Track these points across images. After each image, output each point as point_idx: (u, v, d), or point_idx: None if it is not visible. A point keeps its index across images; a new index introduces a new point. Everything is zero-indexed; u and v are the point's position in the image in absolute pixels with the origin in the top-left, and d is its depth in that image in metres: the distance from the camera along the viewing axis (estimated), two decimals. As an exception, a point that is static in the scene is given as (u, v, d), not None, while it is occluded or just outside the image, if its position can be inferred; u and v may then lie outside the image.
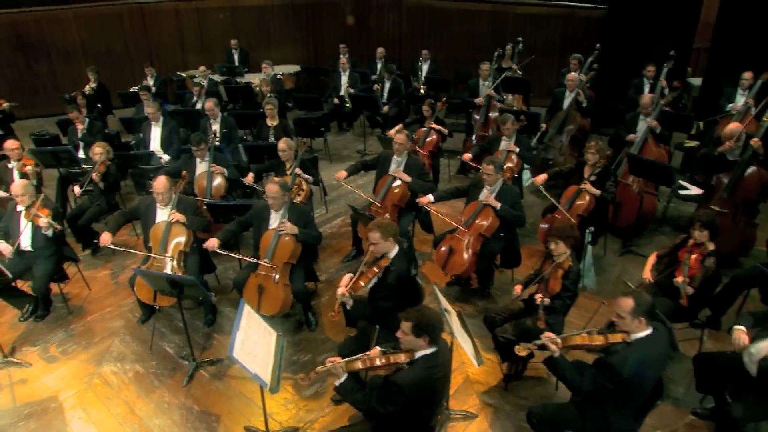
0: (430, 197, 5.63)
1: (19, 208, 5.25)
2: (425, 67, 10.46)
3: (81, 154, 7.36)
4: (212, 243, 4.96)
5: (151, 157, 7.08)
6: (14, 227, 5.28)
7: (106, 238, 5.07)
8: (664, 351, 3.48)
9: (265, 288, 4.89)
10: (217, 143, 7.21)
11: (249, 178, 6.35)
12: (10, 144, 6.37)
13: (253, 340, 3.62)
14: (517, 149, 6.70)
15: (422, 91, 10.02)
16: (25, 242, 5.27)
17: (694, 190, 6.82)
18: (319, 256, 6.41)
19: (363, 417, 3.71)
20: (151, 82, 10.34)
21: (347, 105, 9.82)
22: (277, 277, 4.90)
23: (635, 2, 9.27)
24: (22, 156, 6.44)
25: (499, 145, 6.86)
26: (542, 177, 6.03)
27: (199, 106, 9.02)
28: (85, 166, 6.85)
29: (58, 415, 4.40)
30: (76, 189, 6.32)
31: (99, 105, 10.04)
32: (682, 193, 6.96)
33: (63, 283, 5.72)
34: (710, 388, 4.13)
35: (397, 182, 5.95)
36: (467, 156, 6.92)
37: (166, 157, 7.34)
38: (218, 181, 6.33)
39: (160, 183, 5.16)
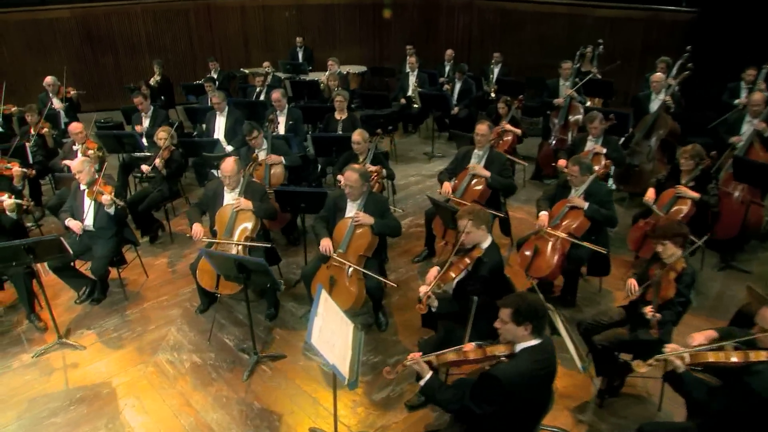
0: (546, 213, 5.05)
1: (82, 187, 5.11)
2: (496, 70, 10.00)
3: (144, 141, 7.21)
4: (328, 245, 4.55)
5: (216, 145, 6.86)
6: (78, 207, 5.15)
7: (198, 230, 4.78)
8: None
9: (337, 281, 4.50)
10: (280, 134, 6.99)
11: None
12: (74, 127, 6.40)
13: (331, 329, 3.21)
14: (604, 150, 6.17)
15: (493, 94, 9.57)
16: (88, 221, 5.11)
17: (807, 203, 6.12)
18: (388, 255, 5.99)
19: (450, 422, 3.24)
20: (214, 76, 10.22)
21: (415, 105, 9.43)
22: (351, 270, 4.50)
23: (731, 3, 8.61)
24: (86, 139, 6.38)
25: (584, 146, 6.36)
26: (651, 193, 5.40)
27: (262, 97, 8.83)
28: (147, 153, 6.70)
29: (110, 402, 4.13)
30: (144, 167, 6.20)
31: (162, 97, 9.99)
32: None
33: (121, 267, 5.52)
34: None
35: (478, 178, 5.50)
36: (562, 162, 6.33)
37: (229, 148, 7.12)
38: (276, 170, 6.08)
39: (228, 165, 4.89)
